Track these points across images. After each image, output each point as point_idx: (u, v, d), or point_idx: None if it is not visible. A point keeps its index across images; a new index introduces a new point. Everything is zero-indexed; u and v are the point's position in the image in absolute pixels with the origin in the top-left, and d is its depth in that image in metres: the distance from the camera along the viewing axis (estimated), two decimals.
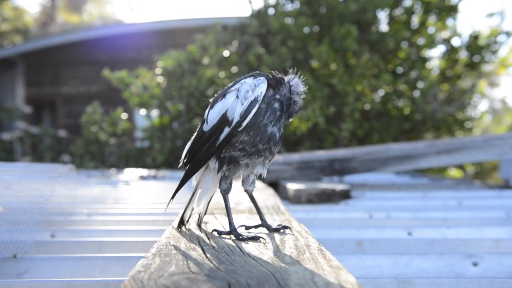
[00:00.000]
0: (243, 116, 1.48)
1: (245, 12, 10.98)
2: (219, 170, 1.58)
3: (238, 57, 8.33)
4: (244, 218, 1.92)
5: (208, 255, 1.22)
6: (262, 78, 1.53)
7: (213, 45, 8.34)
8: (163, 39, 13.45)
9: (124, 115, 8.76)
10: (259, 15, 8.84)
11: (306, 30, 8.13)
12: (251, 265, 1.12)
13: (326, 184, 3.83)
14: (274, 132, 1.54)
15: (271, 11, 8.76)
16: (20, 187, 2.22)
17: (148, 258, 1.17)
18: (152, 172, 6.62)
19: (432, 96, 8.81)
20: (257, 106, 1.48)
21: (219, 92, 1.61)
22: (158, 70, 8.54)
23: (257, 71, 1.63)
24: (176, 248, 1.31)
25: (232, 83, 1.58)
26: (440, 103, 8.83)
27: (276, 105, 1.53)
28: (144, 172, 6.61)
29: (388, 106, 8.40)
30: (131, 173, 6.46)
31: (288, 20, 8.33)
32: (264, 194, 2.94)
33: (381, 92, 8.43)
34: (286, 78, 1.62)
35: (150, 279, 0.97)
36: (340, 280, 1.01)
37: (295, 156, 4.47)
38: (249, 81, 1.52)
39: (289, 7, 8.80)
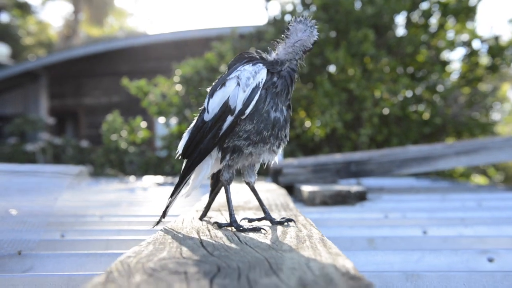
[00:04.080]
0: (246, 104, 1.45)
1: (261, 21, 11.05)
2: (222, 160, 1.54)
3: None
4: (250, 214, 1.89)
5: (204, 244, 1.19)
6: (261, 65, 1.50)
7: (230, 52, 8.36)
8: (181, 49, 13.56)
9: (144, 124, 8.82)
10: (275, 22, 8.84)
11: (323, 35, 8.08)
12: (246, 251, 1.09)
13: (341, 186, 3.77)
14: (277, 117, 1.50)
15: (287, 17, 8.75)
16: (29, 187, 2.23)
17: (141, 245, 1.15)
18: (169, 179, 6.64)
19: (452, 100, 8.66)
20: (259, 92, 1.46)
21: (216, 81, 1.57)
22: (176, 78, 8.59)
23: (246, 54, 1.59)
24: (173, 238, 1.28)
25: (229, 71, 1.55)
26: (461, 106, 8.67)
27: (274, 90, 1.50)
28: (161, 179, 6.63)
29: (407, 110, 8.28)
30: (149, 180, 6.48)
31: None
32: (275, 193, 2.90)
33: (400, 97, 8.31)
34: (283, 50, 1.59)
35: (138, 263, 0.95)
36: (336, 265, 0.97)
37: (310, 159, 4.42)
38: (249, 68, 1.49)
39: (306, 13, 8.77)
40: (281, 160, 6.46)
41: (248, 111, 1.45)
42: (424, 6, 8.51)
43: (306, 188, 3.52)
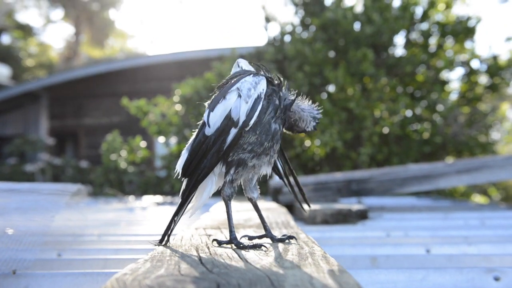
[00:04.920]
0: (250, 115, 1.42)
1: (261, 42, 11.12)
2: (226, 174, 1.51)
3: None
4: (250, 232, 1.85)
5: (203, 261, 1.15)
6: (261, 76, 1.49)
7: (230, 72, 8.37)
8: (182, 69, 13.62)
9: (143, 143, 8.80)
10: (275, 42, 8.89)
11: (322, 55, 8.11)
12: (247, 269, 1.05)
13: (342, 205, 3.73)
14: (277, 129, 1.49)
15: (287, 38, 8.80)
16: (26, 205, 2.19)
17: (139, 262, 1.11)
18: (169, 198, 6.58)
19: (452, 119, 8.65)
20: (261, 103, 1.44)
21: (215, 95, 1.55)
22: (176, 98, 8.59)
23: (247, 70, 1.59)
24: (171, 255, 1.24)
25: (228, 84, 1.52)
26: (461, 125, 8.65)
27: (277, 101, 1.49)
28: (160, 198, 6.59)
29: (407, 129, 8.26)
30: (148, 200, 6.43)
31: (304, 47, 8.32)
32: (276, 212, 2.86)
33: (400, 116, 8.30)
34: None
35: (134, 281, 0.91)
36: (340, 282, 0.93)
37: (311, 178, 4.39)
38: (249, 79, 1.47)
39: (305, 34, 8.83)
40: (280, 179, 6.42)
41: (251, 122, 1.43)
42: (423, 26, 8.57)
43: (307, 207, 3.47)
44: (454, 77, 9.34)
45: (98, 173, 8.67)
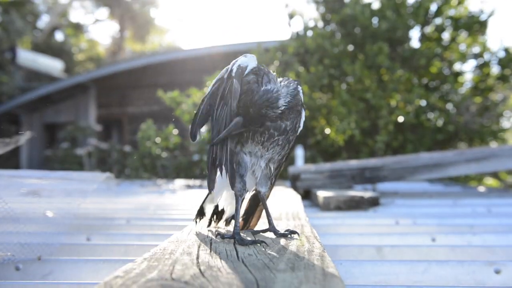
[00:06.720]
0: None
1: (285, 36, 10.91)
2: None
3: (278, 74, 8.17)
4: (259, 223, 1.76)
5: (199, 260, 1.07)
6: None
7: None
8: (214, 62, 13.52)
9: (175, 131, 8.79)
10: (298, 37, 8.70)
11: (341, 48, 7.91)
12: (240, 271, 0.96)
13: (355, 192, 3.60)
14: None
15: (309, 33, 8.59)
16: (55, 193, 2.16)
17: (136, 262, 1.04)
18: (198, 182, 6.55)
19: (464, 108, 8.33)
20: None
21: None
22: (206, 89, 8.53)
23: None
24: (172, 252, 1.17)
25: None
26: (472, 114, 8.33)
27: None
28: (191, 182, 6.56)
29: (421, 118, 8.01)
30: (179, 183, 6.42)
31: (324, 41, 8.11)
32: (289, 202, 2.76)
33: (414, 106, 8.04)
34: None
35: (122, 285, 0.83)
36: None
37: (327, 165, 4.26)
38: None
39: (327, 28, 8.61)
40: (300, 165, 6.30)
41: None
42: (437, 21, 8.25)
43: (322, 194, 3.37)
44: (467, 69, 8.95)
45: (135, 158, 8.76)
